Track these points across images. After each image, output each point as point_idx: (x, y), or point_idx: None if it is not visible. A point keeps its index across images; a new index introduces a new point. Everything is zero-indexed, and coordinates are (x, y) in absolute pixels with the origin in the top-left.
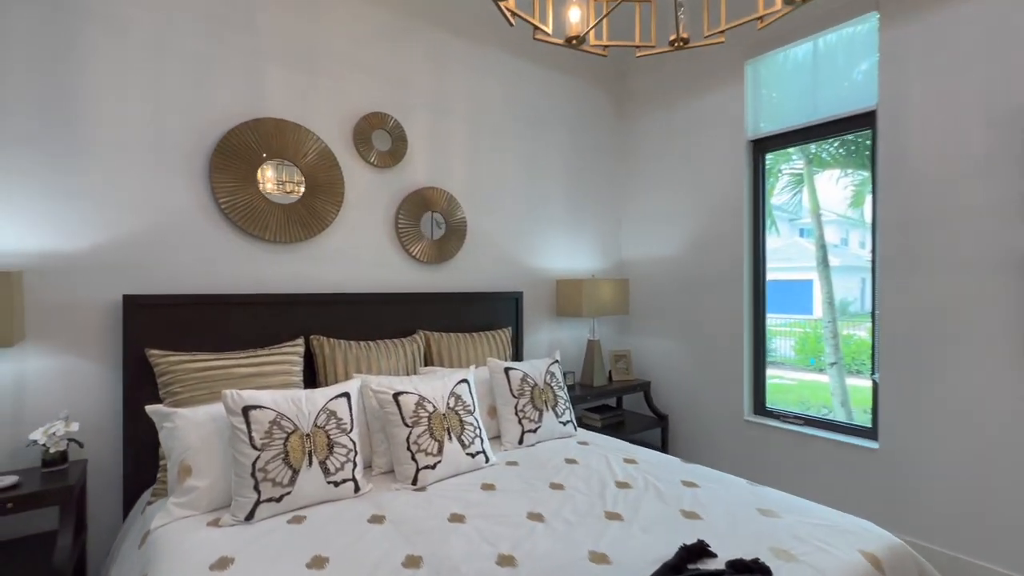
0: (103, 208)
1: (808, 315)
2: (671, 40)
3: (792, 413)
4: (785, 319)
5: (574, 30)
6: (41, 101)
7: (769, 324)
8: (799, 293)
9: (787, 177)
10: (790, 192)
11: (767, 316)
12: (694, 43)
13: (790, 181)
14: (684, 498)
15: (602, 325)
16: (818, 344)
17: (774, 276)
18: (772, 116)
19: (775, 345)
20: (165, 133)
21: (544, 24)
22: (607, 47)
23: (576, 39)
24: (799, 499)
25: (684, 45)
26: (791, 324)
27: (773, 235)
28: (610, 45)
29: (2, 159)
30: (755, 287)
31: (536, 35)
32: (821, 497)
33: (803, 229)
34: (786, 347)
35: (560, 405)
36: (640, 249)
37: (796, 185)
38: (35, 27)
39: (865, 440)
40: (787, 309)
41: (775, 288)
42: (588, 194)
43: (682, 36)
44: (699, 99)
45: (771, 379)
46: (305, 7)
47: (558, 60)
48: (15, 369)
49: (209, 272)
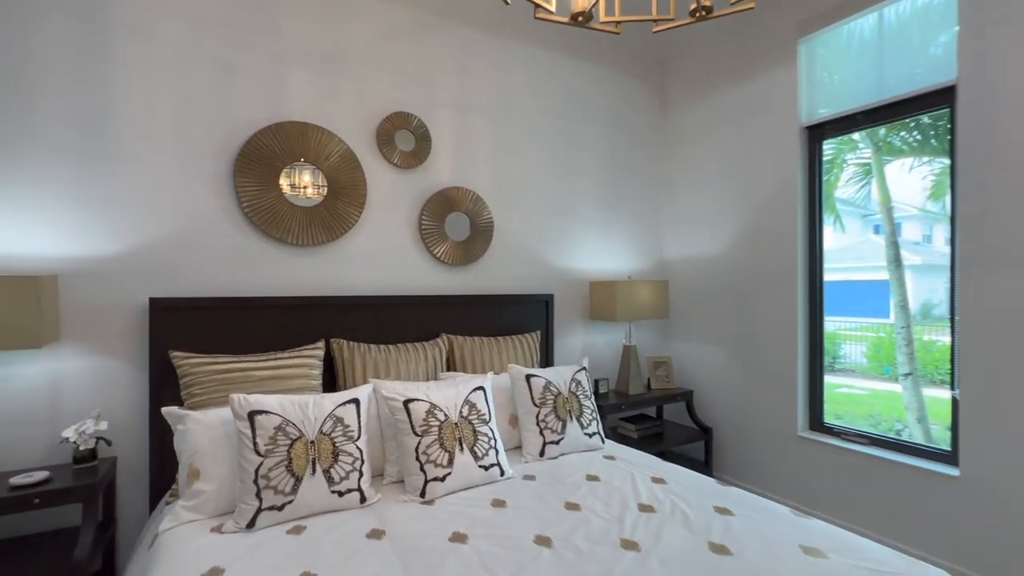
0: (132, 213)
1: (884, 318)
2: (691, 10)
3: (854, 430)
4: (858, 322)
5: (579, 5)
6: (76, 111)
7: (839, 328)
8: (874, 294)
9: (853, 167)
10: (857, 184)
11: (827, 320)
12: (718, 12)
13: (857, 172)
14: (714, 527)
15: (640, 330)
16: (893, 351)
17: (844, 276)
18: (830, 99)
19: (845, 351)
20: (191, 139)
21: (547, 2)
22: (619, 23)
23: (582, 15)
24: (853, 536)
25: (707, 15)
26: (863, 328)
27: (838, 231)
28: (623, 21)
29: (41, 168)
30: (811, 288)
31: (537, 14)
32: (886, 531)
33: (879, 225)
34: (857, 353)
35: (586, 415)
36: (682, 248)
37: (864, 176)
38: (69, 40)
39: (943, 465)
40: (859, 312)
41: (846, 289)
42: (625, 191)
43: (704, 4)
44: (747, 85)
45: (839, 388)
46: (327, 10)
47: (590, 50)
48: (52, 368)
49: (232, 275)
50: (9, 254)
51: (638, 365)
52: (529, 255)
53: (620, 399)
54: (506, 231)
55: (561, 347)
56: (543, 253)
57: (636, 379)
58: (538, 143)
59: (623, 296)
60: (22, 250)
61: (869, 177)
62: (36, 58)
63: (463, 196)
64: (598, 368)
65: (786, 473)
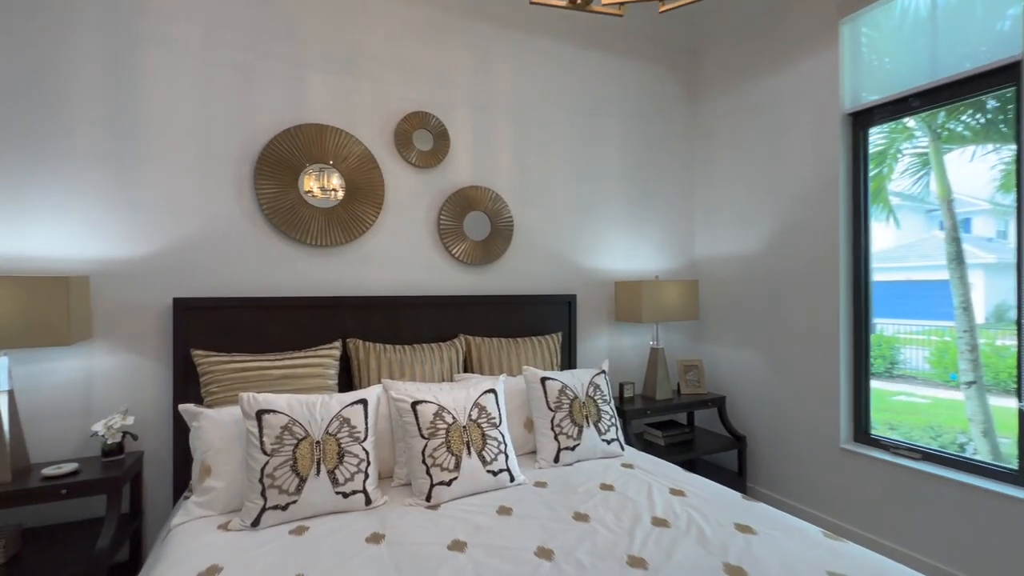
0: (158, 216)
1: (950, 321)
2: None
3: (905, 444)
4: (920, 325)
5: None
6: (106, 119)
7: (897, 331)
8: (939, 295)
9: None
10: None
11: (885, 322)
12: None
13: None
14: (732, 547)
15: (670, 332)
16: (957, 357)
17: (906, 276)
18: (877, 82)
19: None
20: (213, 143)
21: None
22: (623, 4)
23: None
24: (893, 564)
25: None
26: (926, 331)
27: (892, 227)
28: (626, 2)
29: (76, 174)
30: (855, 288)
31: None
32: (940, 558)
33: (944, 221)
34: (919, 358)
35: (604, 421)
36: (715, 246)
37: (922, 167)
38: (99, 52)
39: (1010, 486)
40: (922, 314)
41: (906, 290)
42: (653, 187)
43: None
44: (783, 71)
45: (897, 396)
46: (344, 12)
47: (614, 43)
48: (86, 365)
49: (252, 275)
50: (44, 256)
51: (666, 368)
52: (551, 254)
53: (646, 404)
54: (527, 230)
55: (585, 349)
56: (566, 252)
57: (664, 383)
58: (560, 139)
59: (649, 296)
60: (56, 252)
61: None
62: (69, 70)
63: (482, 195)
64: (625, 371)
65: (827, 488)
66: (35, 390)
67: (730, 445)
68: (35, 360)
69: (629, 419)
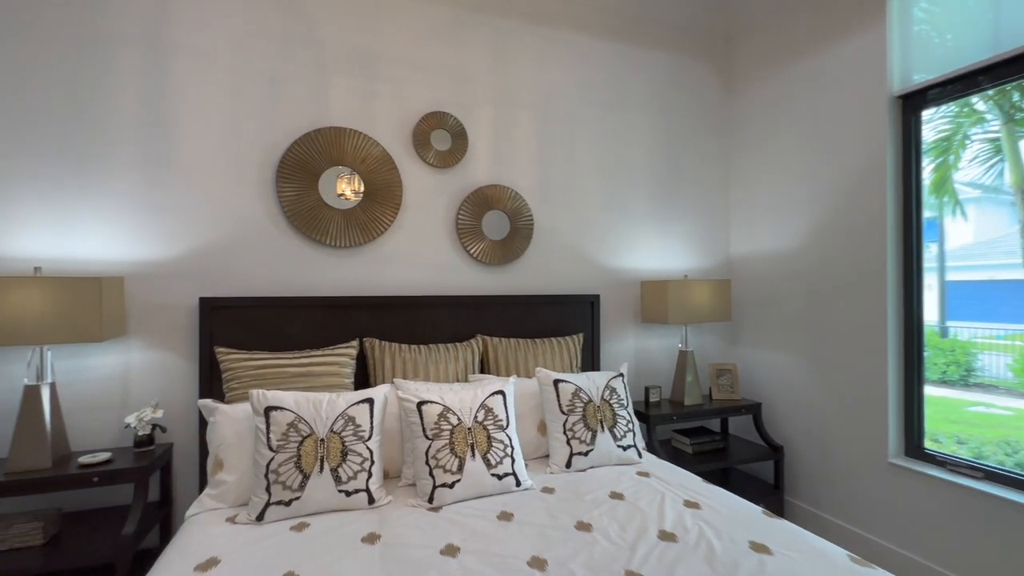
0: (188, 219)
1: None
2: None
3: (965, 461)
4: (1004, 329)
5: None
6: (141, 127)
7: (974, 336)
8: None
9: (979, 144)
10: (984, 164)
11: (961, 326)
12: None
13: (984, 149)
14: (743, 567)
15: (701, 334)
16: None
17: (988, 276)
18: (929, 61)
19: (982, 363)
20: (240, 148)
21: None
22: None
23: None
24: None
25: None
26: (1009, 336)
27: (960, 221)
28: None
29: (115, 181)
30: (906, 288)
31: None
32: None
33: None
34: (1000, 365)
35: (620, 426)
36: (750, 244)
37: (995, 154)
38: (135, 66)
39: None
40: (1005, 318)
41: (986, 291)
42: (683, 183)
43: None
44: (824, 54)
45: (972, 406)
46: (363, 14)
47: (642, 33)
48: (122, 360)
49: (274, 276)
50: (85, 258)
51: (695, 373)
52: (573, 253)
53: (673, 409)
54: (548, 228)
55: (609, 351)
56: (589, 251)
57: (693, 388)
58: (584, 135)
59: (675, 296)
60: (96, 255)
61: (1001, 155)
62: (108, 81)
63: (502, 194)
64: (652, 375)
65: (873, 505)
66: (76, 383)
67: (766, 455)
68: (75, 355)
69: (654, 424)
